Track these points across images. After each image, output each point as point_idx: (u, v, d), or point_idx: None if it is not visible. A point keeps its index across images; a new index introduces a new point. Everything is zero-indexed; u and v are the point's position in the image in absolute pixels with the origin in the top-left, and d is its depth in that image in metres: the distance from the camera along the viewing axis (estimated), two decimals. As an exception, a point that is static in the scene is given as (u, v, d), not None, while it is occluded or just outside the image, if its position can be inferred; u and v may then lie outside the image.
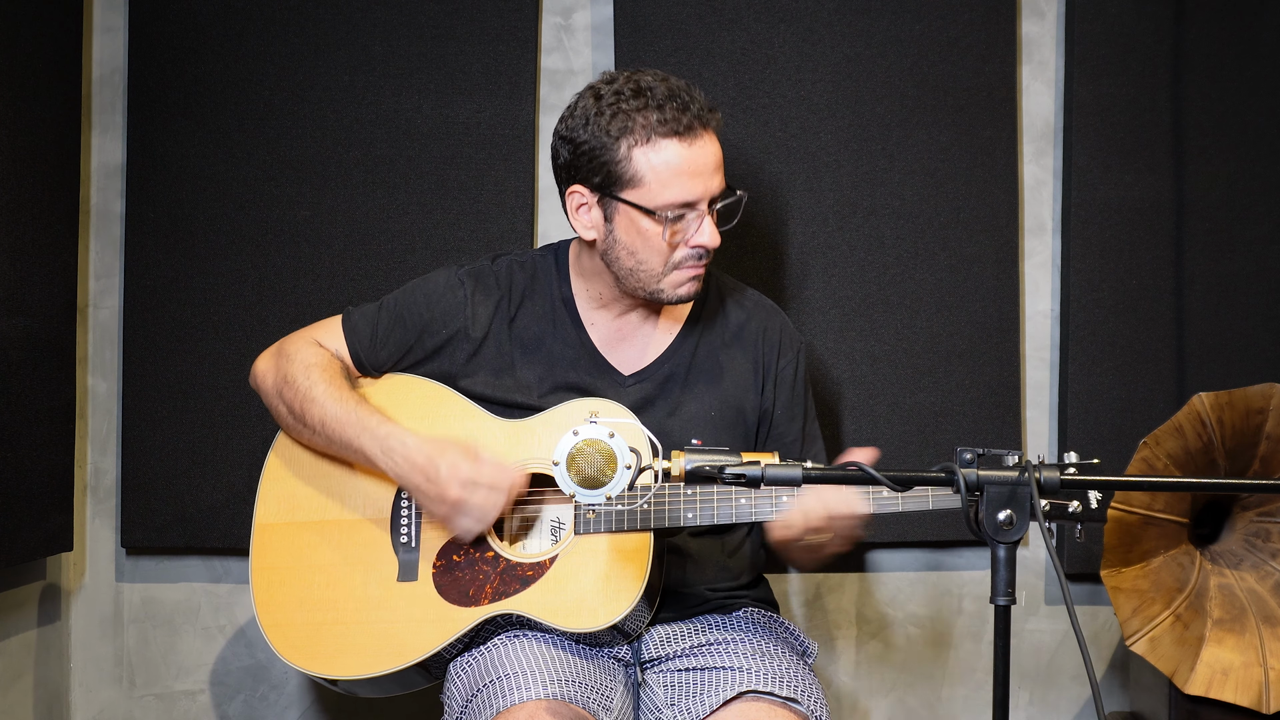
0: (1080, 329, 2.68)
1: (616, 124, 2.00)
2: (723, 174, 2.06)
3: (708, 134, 2.02)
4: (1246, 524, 2.56)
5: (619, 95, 2.01)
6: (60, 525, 2.53)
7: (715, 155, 2.04)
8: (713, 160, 2.03)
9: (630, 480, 1.71)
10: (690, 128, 2.00)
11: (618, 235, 2.05)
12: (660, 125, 1.99)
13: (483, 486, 2.02)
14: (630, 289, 2.10)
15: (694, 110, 2.00)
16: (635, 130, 1.99)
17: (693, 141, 2.00)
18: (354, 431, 2.06)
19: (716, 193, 2.04)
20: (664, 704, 2.03)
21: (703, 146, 2.01)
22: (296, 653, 2.07)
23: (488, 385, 2.15)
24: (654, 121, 1.99)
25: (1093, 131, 2.68)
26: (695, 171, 2.01)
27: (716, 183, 2.04)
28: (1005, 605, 1.56)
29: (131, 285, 2.63)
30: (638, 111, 1.99)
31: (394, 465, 2.04)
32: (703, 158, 2.01)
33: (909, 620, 2.76)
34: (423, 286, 2.20)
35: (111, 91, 2.68)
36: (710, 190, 2.03)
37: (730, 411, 2.17)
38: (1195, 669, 2.41)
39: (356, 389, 2.15)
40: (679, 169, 2.00)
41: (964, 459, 1.60)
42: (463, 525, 2.03)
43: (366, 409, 2.08)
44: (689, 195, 2.01)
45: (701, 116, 2.01)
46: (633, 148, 2.00)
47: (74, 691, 2.70)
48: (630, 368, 2.17)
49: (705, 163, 2.02)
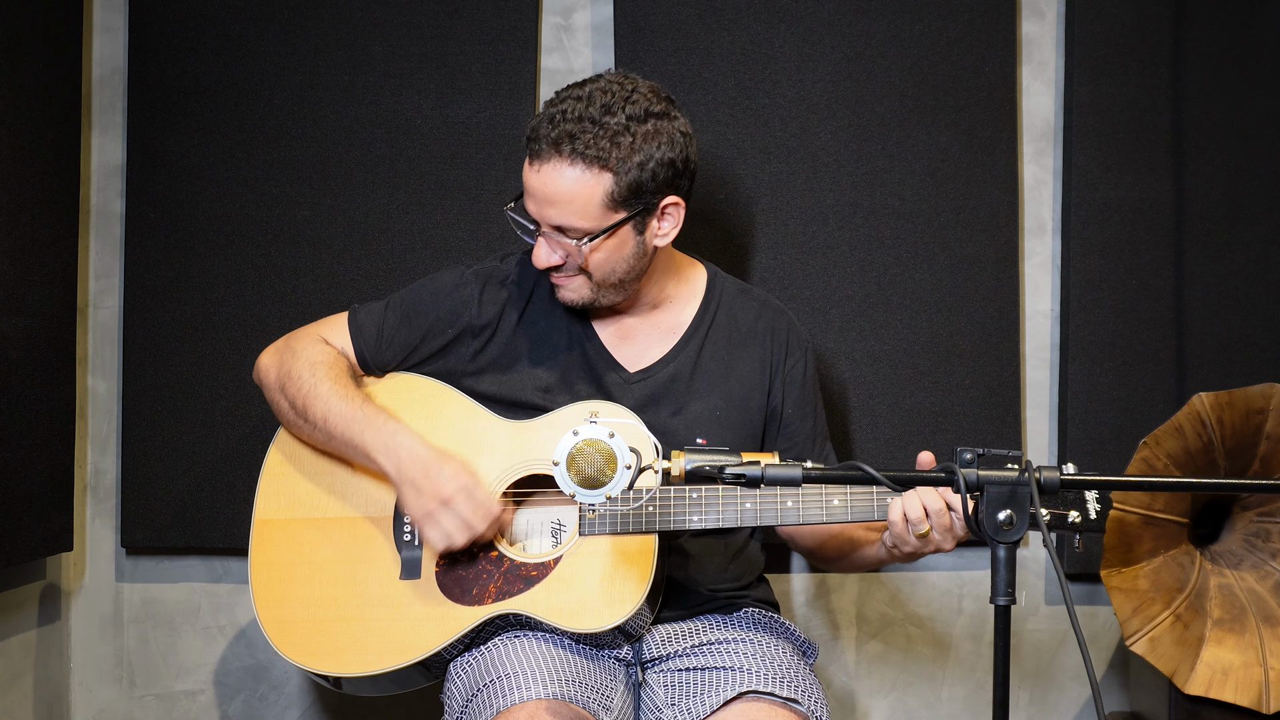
0: (1080, 329, 2.68)
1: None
2: (563, 211, 2.00)
3: (553, 162, 1.99)
4: (1246, 524, 2.56)
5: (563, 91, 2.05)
6: (60, 525, 2.53)
7: (550, 186, 2.00)
8: (543, 190, 2.01)
9: (630, 480, 1.71)
10: (536, 153, 2.01)
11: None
12: (528, 142, 2.03)
13: (476, 500, 2.02)
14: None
15: (545, 134, 1.99)
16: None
17: (533, 163, 2.02)
18: (358, 427, 2.06)
19: (545, 225, 2.04)
20: (664, 704, 2.03)
21: (537, 171, 2.01)
22: (296, 650, 2.06)
23: (494, 384, 2.15)
24: (532, 124, 2.03)
25: (1093, 131, 2.68)
26: (530, 191, 2.03)
27: (548, 213, 2.02)
28: (1005, 605, 1.56)
29: (131, 285, 2.63)
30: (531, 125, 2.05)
31: (395, 459, 2.04)
32: (536, 182, 2.02)
33: (909, 620, 2.76)
34: (429, 285, 2.20)
35: (111, 91, 2.68)
36: (541, 215, 2.03)
37: (736, 411, 2.17)
38: (1195, 669, 2.41)
39: (362, 388, 2.15)
40: (524, 179, 2.04)
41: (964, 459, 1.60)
42: (443, 527, 2.01)
43: (372, 406, 2.09)
44: (526, 206, 2.05)
45: (551, 141, 1.99)
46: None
47: (74, 691, 2.70)
48: (636, 366, 2.17)
49: (536, 187, 2.02)
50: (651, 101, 2.01)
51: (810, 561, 2.28)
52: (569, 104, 2.00)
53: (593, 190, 1.99)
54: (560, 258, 2.05)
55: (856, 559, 2.13)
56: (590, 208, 2.00)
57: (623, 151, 1.98)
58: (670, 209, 2.07)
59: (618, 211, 2.01)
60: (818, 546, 2.20)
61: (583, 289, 2.09)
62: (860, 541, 2.09)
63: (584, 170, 1.98)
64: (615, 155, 1.97)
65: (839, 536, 2.15)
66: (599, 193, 1.99)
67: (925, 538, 1.93)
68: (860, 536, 2.10)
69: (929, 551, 1.96)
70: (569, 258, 2.05)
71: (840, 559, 2.17)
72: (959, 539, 1.94)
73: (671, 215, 2.08)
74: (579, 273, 2.07)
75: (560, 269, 2.07)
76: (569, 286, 2.09)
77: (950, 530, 1.92)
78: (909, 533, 1.92)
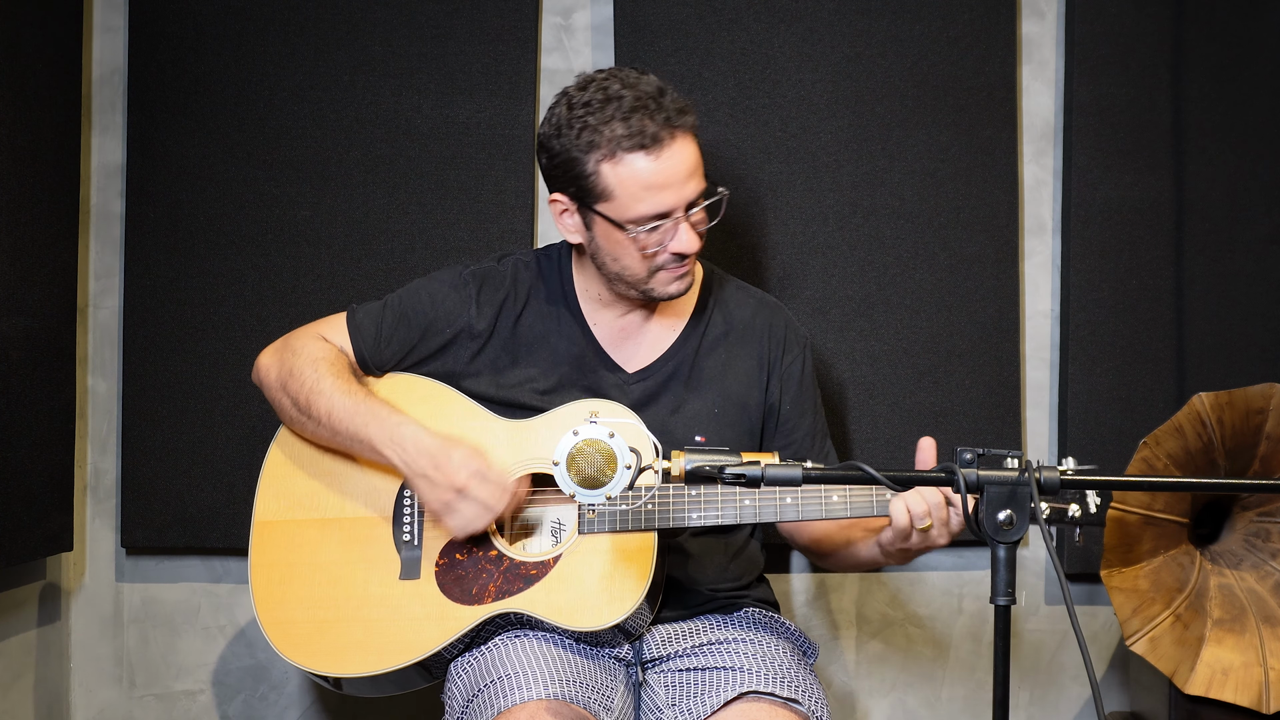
0: (1080, 329, 2.68)
1: (584, 138, 1.98)
2: (700, 175, 2.02)
3: (678, 140, 1.98)
4: (1246, 524, 2.56)
5: (588, 107, 1.98)
6: (60, 525, 2.53)
7: (687, 161, 1.99)
8: (683, 168, 1.99)
9: (630, 480, 1.71)
10: (657, 139, 1.96)
11: (599, 242, 2.06)
12: (626, 140, 1.96)
13: (491, 482, 2.01)
14: (622, 290, 2.11)
15: (660, 119, 1.96)
16: (602, 145, 1.97)
17: (659, 153, 1.97)
18: (362, 420, 2.05)
19: (692, 198, 2.01)
20: (665, 704, 2.03)
21: (671, 156, 1.97)
22: (296, 650, 2.06)
23: (491, 384, 2.15)
24: (619, 135, 1.96)
25: (1093, 131, 2.69)
26: (664, 184, 1.98)
27: (691, 188, 2.00)
28: (1005, 605, 1.56)
29: (131, 285, 2.63)
30: (604, 125, 1.96)
31: (402, 452, 2.03)
32: (671, 168, 1.98)
33: (909, 620, 2.76)
34: (428, 286, 2.19)
35: (111, 91, 2.68)
36: (684, 198, 2.00)
37: (734, 409, 2.17)
38: (1195, 669, 2.41)
39: (365, 385, 2.15)
40: (648, 183, 1.97)
41: (964, 459, 1.61)
42: (464, 515, 2.01)
43: (376, 400, 2.09)
44: (660, 207, 1.99)
45: (670, 122, 1.97)
46: (600, 163, 1.98)
47: (74, 691, 2.70)
48: (634, 365, 2.17)
49: (674, 173, 1.98)
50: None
51: (808, 558, 2.28)
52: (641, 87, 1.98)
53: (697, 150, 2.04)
54: (700, 231, 2.06)
55: (850, 556, 2.12)
56: (701, 166, 2.04)
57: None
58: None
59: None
60: (814, 543, 2.20)
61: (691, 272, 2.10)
62: (856, 540, 2.09)
63: (691, 135, 2.02)
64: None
65: (834, 535, 2.15)
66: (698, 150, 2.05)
67: (926, 533, 1.93)
68: (857, 535, 2.10)
69: (925, 549, 1.96)
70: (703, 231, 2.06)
71: (835, 555, 2.17)
72: (954, 534, 1.94)
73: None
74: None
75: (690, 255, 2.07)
76: (689, 269, 2.09)
77: (947, 524, 1.93)
78: (914, 529, 1.92)
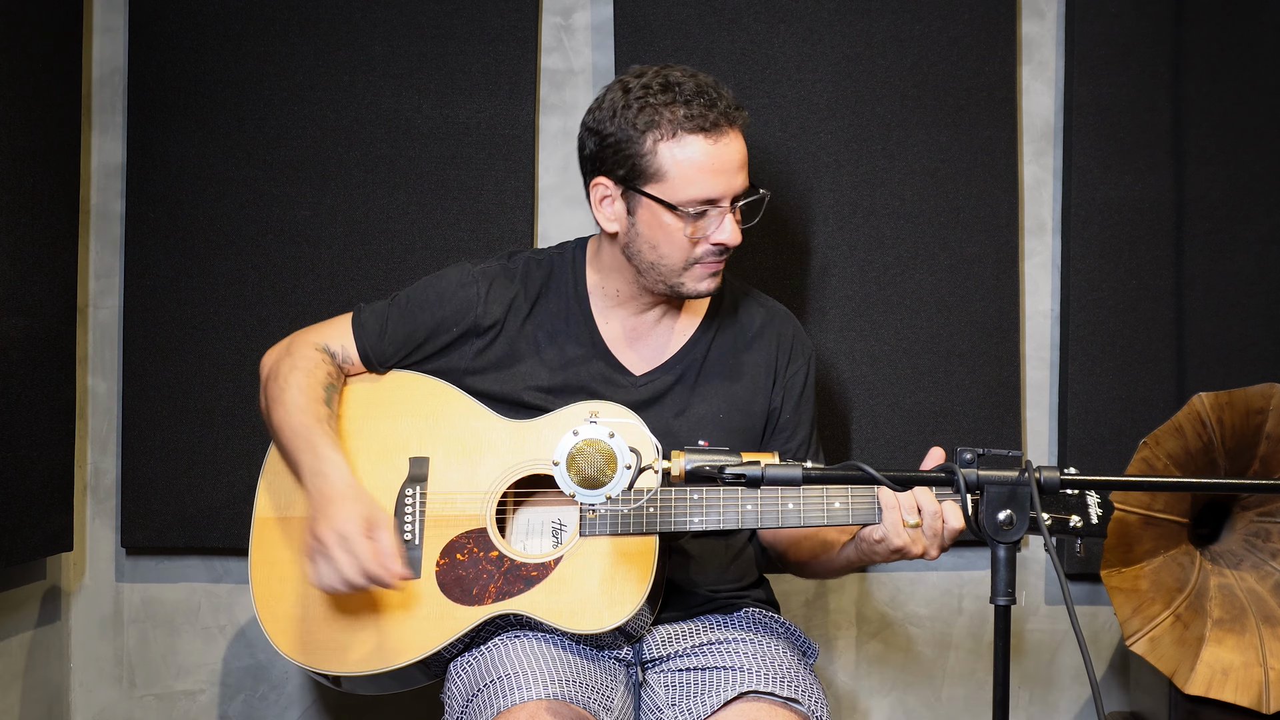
0: (1080, 329, 2.68)
1: (644, 118, 2.01)
2: (747, 173, 2.06)
3: (734, 132, 2.03)
4: (1246, 524, 2.56)
5: (647, 89, 2.02)
6: (60, 525, 2.53)
7: (740, 153, 2.04)
8: (737, 158, 2.03)
9: (630, 480, 1.71)
10: (716, 124, 2.00)
11: (640, 229, 2.06)
12: (687, 121, 2.00)
13: (353, 554, 1.94)
14: (651, 283, 2.11)
15: (720, 107, 2.01)
16: (662, 125, 2.00)
17: (718, 139, 2.01)
18: (299, 445, 2.05)
19: (740, 190, 2.05)
20: (665, 704, 2.03)
21: (728, 144, 2.02)
22: (296, 648, 2.06)
23: (496, 382, 2.15)
24: (680, 117, 1.99)
25: (1093, 131, 2.69)
26: (719, 169, 2.01)
27: (740, 181, 2.04)
28: (1005, 605, 1.56)
29: (131, 285, 2.63)
30: (665, 106, 2.00)
31: (313, 487, 2.01)
32: (727, 155, 2.02)
33: (909, 620, 2.76)
34: (435, 284, 2.19)
35: (111, 91, 2.68)
36: (734, 188, 2.03)
37: (739, 414, 2.17)
38: (1195, 669, 2.41)
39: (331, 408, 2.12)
40: (703, 165, 2.00)
41: (964, 459, 1.61)
42: (316, 568, 1.96)
43: (322, 431, 2.06)
44: (712, 192, 2.02)
45: (728, 114, 2.02)
46: (658, 142, 2.01)
47: (74, 691, 2.70)
48: (642, 368, 2.17)
49: (730, 160, 2.02)
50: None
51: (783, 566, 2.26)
52: (700, 78, 2.03)
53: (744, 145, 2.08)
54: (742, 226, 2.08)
55: (827, 561, 2.11)
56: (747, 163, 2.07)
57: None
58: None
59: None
60: (791, 545, 2.19)
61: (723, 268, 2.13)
62: (834, 543, 2.08)
63: (741, 132, 2.06)
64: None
65: (813, 537, 2.14)
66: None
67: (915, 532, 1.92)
68: (834, 538, 2.09)
69: (915, 554, 1.94)
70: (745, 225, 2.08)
71: (813, 561, 2.16)
72: (944, 548, 1.95)
73: None
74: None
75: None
76: (722, 266, 2.11)
77: (938, 537, 1.93)
78: (902, 522, 1.92)
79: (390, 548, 1.95)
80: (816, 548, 2.13)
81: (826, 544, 2.10)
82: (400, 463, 2.12)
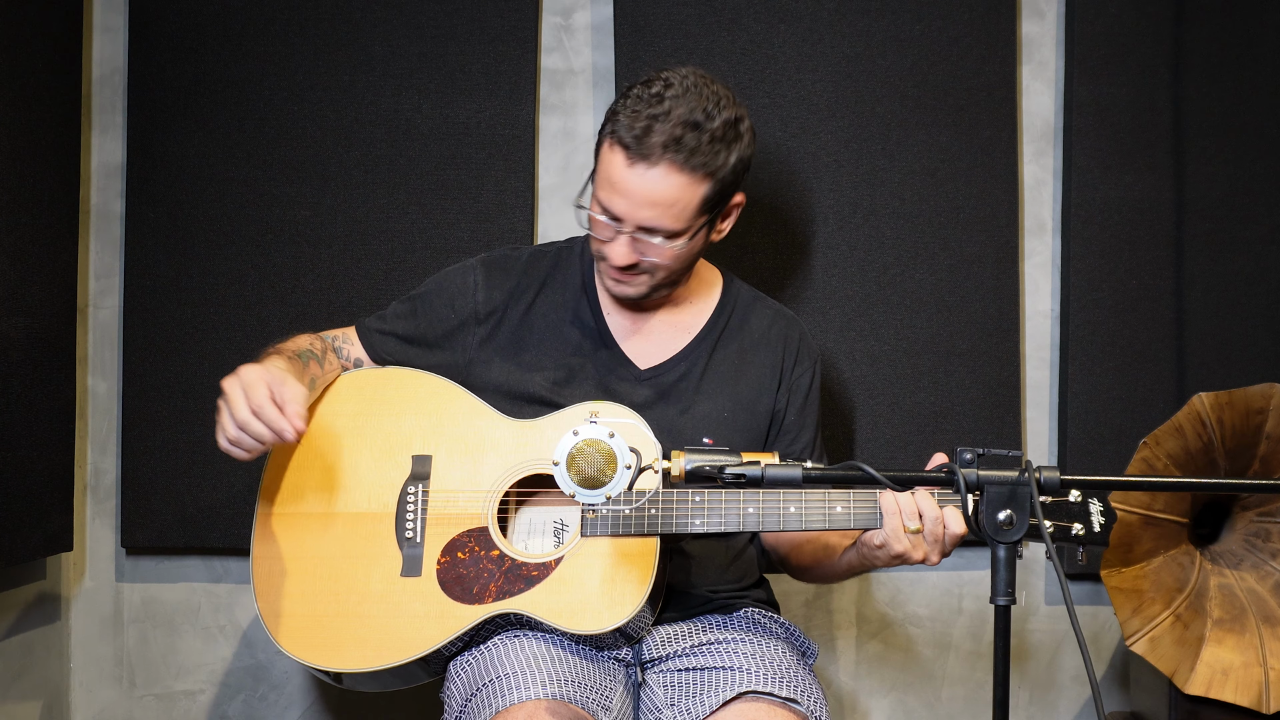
0: (1080, 329, 2.68)
1: (610, 109, 2.02)
2: (664, 214, 1.98)
3: (655, 168, 1.96)
4: (1246, 524, 2.56)
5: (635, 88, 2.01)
6: (60, 525, 2.53)
7: (650, 191, 1.96)
8: (643, 193, 1.97)
9: (630, 480, 1.71)
10: (633, 150, 1.96)
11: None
12: (615, 132, 1.98)
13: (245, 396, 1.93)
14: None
15: (649, 140, 1.95)
16: (610, 123, 2.00)
17: (633, 164, 1.96)
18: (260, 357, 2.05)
19: (644, 224, 2.00)
20: (664, 704, 2.03)
21: (640, 174, 1.96)
22: (296, 644, 2.06)
23: (503, 373, 2.15)
24: (619, 124, 1.98)
25: (1093, 131, 2.69)
26: (621, 190, 1.98)
27: (645, 214, 1.98)
28: (1005, 605, 1.56)
29: (131, 285, 2.63)
30: (620, 111, 1.99)
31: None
32: (635, 182, 1.96)
33: (909, 620, 2.76)
34: (437, 276, 2.24)
35: (111, 91, 2.68)
36: (634, 217, 1.99)
37: (744, 414, 2.18)
38: (1195, 669, 2.41)
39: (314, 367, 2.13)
40: (610, 178, 1.99)
41: (964, 459, 1.60)
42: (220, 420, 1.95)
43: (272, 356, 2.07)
44: (610, 206, 2.00)
45: (648, 150, 1.95)
46: (603, 138, 2.02)
47: (74, 691, 2.70)
48: (647, 362, 2.17)
49: (633, 188, 1.97)
50: (735, 105, 2.02)
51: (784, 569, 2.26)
52: (668, 103, 1.96)
53: (693, 195, 1.99)
54: (638, 256, 2.04)
55: (829, 565, 2.11)
56: (687, 211, 2.00)
57: (721, 159, 1.98)
58: (735, 207, 2.10)
59: (705, 215, 2.03)
60: (793, 549, 2.19)
61: (643, 286, 2.09)
62: (835, 548, 2.08)
63: (690, 176, 1.97)
64: (716, 163, 1.98)
65: (814, 541, 2.14)
66: (698, 197, 1.99)
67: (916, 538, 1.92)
68: (835, 543, 2.09)
69: (915, 560, 1.93)
70: (645, 258, 2.04)
71: (815, 566, 2.16)
72: (945, 554, 1.94)
73: (734, 213, 2.11)
74: (646, 271, 2.06)
75: (632, 268, 2.06)
76: (632, 284, 2.09)
77: (939, 543, 1.92)
78: (902, 526, 1.92)
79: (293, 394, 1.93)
80: (818, 552, 2.13)
81: (828, 548, 2.10)
82: (403, 460, 2.12)
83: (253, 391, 1.93)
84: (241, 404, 1.93)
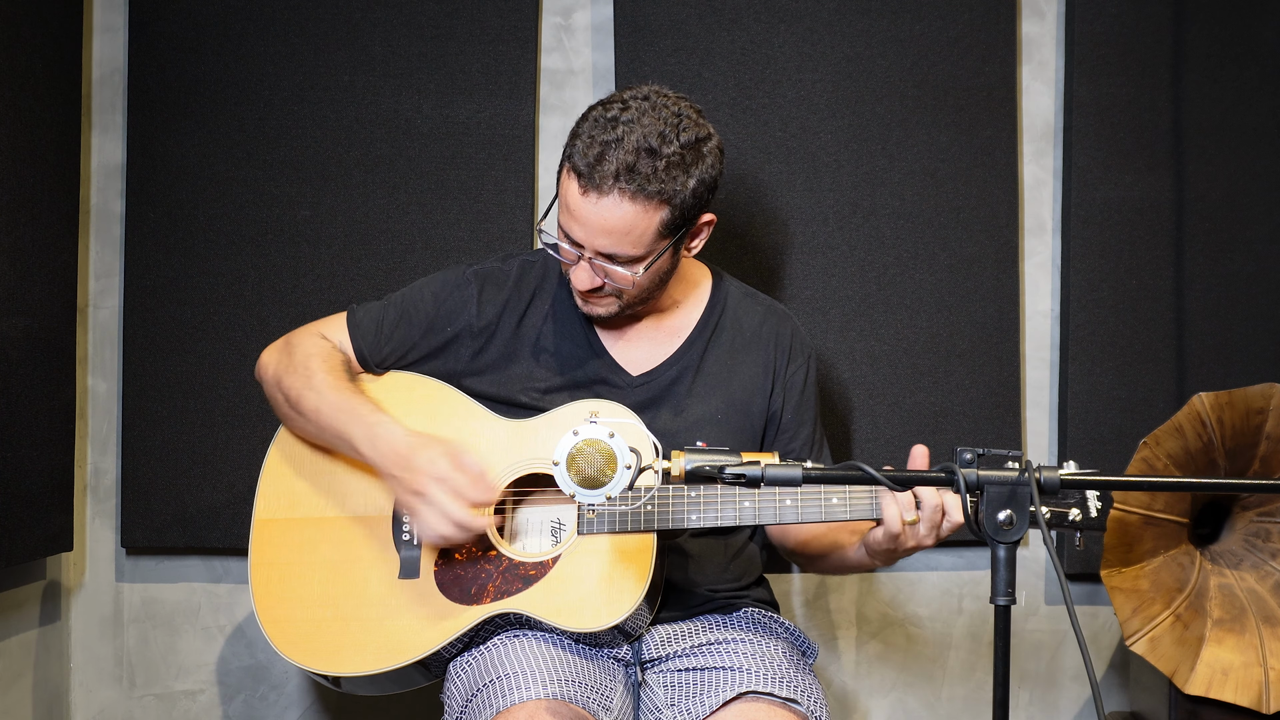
0: (1080, 329, 2.68)
1: (572, 130, 2.01)
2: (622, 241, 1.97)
3: (607, 197, 1.95)
4: (1246, 524, 2.56)
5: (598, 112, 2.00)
6: (60, 525, 2.53)
7: (606, 220, 1.96)
8: (598, 221, 1.96)
9: (630, 480, 1.71)
10: (592, 183, 1.95)
11: None
12: (572, 159, 1.97)
13: (455, 488, 1.96)
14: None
15: (602, 169, 1.94)
16: (568, 147, 2.00)
17: (587, 192, 1.96)
18: (345, 419, 2.05)
19: (602, 251, 2.00)
20: (664, 704, 2.03)
21: (594, 203, 1.95)
22: (295, 649, 2.06)
23: (493, 384, 2.15)
24: (576, 150, 1.97)
25: (1093, 131, 2.69)
26: (579, 218, 1.98)
27: (602, 243, 1.98)
28: (1005, 605, 1.56)
29: (131, 285, 2.63)
30: (579, 136, 1.98)
31: (376, 453, 2.02)
32: (590, 211, 1.96)
33: (909, 620, 2.76)
34: (430, 285, 2.20)
35: (111, 91, 2.68)
36: (592, 244, 1.99)
37: (737, 415, 2.17)
38: (1195, 669, 2.41)
39: (358, 384, 2.15)
40: (568, 205, 1.99)
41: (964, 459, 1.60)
42: (424, 520, 1.98)
43: (361, 399, 2.08)
44: (569, 231, 2.00)
45: (601, 181, 1.94)
46: (563, 161, 2.01)
47: (74, 691, 2.70)
48: (638, 368, 2.17)
49: (589, 216, 1.96)
50: (698, 124, 2.00)
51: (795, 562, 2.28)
52: (622, 129, 1.95)
53: (650, 221, 1.98)
54: (601, 280, 2.04)
55: (838, 559, 2.12)
56: (645, 238, 1.99)
57: (679, 184, 1.97)
58: (704, 226, 2.09)
59: (667, 238, 2.02)
60: (800, 546, 2.19)
61: (612, 306, 2.09)
62: (843, 543, 2.09)
63: (644, 204, 1.96)
64: (673, 188, 1.96)
65: (823, 537, 2.14)
66: (655, 223, 1.98)
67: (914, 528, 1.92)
68: (843, 539, 2.09)
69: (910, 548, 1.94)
70: (609, 281, 2.04)
71: (822, 559, 2.16)
72: (942, 537, 1.93)
73: (704, 231, 2.10)
74: (612, 294, 2.06)
75: (599, 290, 2.06)
76: (600, 304, 2.09)
77: (936, 529, 1.92)
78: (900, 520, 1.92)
79: (479, 468, 1.98)
80: (826, 548, 2.14)
81: (836, 545, 2.11)
82: None
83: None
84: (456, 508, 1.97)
